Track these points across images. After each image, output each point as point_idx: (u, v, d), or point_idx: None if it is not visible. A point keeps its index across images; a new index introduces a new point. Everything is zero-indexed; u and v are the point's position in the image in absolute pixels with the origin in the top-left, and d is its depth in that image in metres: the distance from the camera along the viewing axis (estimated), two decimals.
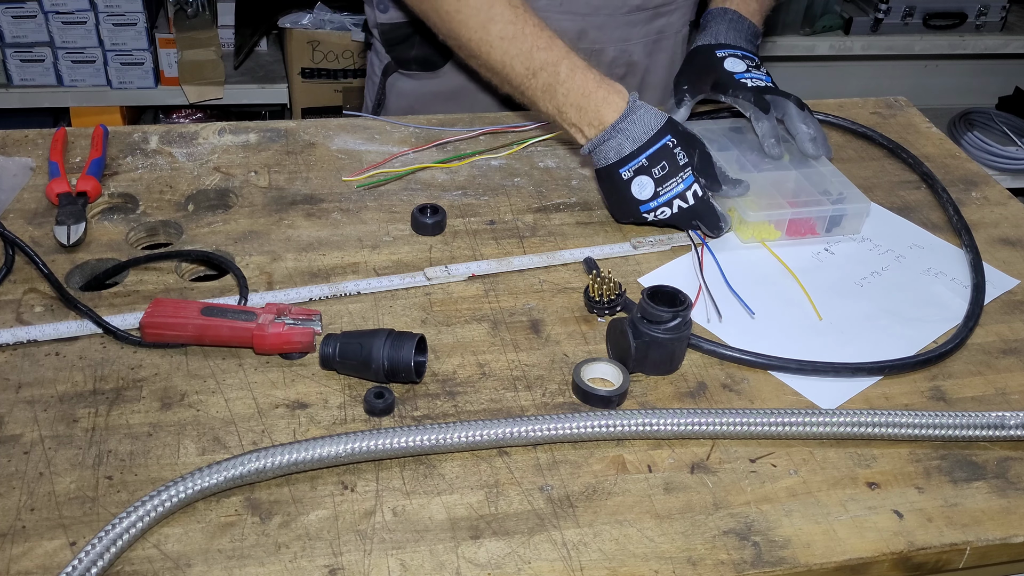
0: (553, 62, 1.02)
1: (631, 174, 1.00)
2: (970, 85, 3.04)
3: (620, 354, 0.87)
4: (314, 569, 0.69)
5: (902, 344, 0.93)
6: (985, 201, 1.18)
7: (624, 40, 1.29)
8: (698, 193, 1.00)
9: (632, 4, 1.27)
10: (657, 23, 1.31)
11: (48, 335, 0.87)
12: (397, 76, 1.35)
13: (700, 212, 1.01)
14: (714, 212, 1.01)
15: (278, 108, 2.59)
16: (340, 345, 0.83)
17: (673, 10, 1.32)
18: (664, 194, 1.00)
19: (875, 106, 1.38)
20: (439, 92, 1.32)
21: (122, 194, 1.07)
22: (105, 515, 0.71)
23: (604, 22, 1.24)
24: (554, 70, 1.02)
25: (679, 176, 0.99)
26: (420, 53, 1.30)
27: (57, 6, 2.24)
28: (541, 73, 1.02)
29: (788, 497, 0.77)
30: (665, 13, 1.31)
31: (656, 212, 1.02)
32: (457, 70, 1.30)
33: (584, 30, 1.26)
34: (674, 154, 0.99)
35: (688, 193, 1.00)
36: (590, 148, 1.02)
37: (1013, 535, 0.76)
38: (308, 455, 0.74)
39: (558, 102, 1.03)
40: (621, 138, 1.00)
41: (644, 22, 1.30)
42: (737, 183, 1.03)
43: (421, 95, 1.32)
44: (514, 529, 0.73)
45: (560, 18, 1.21)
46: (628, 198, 1.02)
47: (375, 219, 1.06)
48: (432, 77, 1.32)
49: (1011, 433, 0.82)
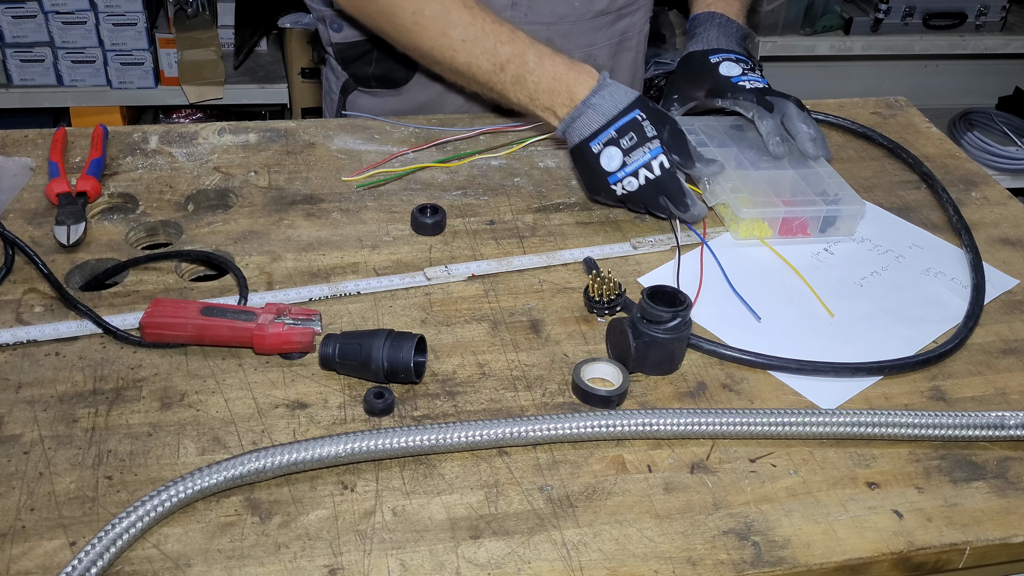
0: (519, 53, 1.05)
1: (600, 147, 1.02)
2: (970, 85, 3.04)
3: (620, 354, 0.87)
4: (314, 569, 0.69)
5: (902, 344, 0.93)
6: (985, 201, 1.18)
7: (589, 45, 1.29)
8: (664, 165, 1.01)
9: (596, 9, 1.26)
10: (620, 25, 1.31)
11: (48, 335, 0.87)
12: (358, 93, 1.34)
13: (666, 186, 1.02)
14: (680, 188, 1.02)
15: (278, 108, 2.59)
16: (340, 345, 0.83)
17: (635, 10, 1.32)
18: (631, 164, 1.01)
19: (875, 106, 1.38)
20: (401, 110, 1.30)
21: (122, 194, 1.07)
22: (105, 515, 0.71)
23: (569, 29, 1.24)
24: (522, 61, 1.04)
25: (646, 146, 1.01)
26: (379, 71, 1.29)
27: (57, 6, 2.25)
28: (509, 66, 1.05)
29: (788, 497, 0.77)
30: (628, 14, 1.31)
31: (623, 183, 1.03)
32: (421, 88, 1.29)
33: (550, 39, 1.23)
34: (642, 126, 1.01)
35: (654, 163, 1.01)
36: (563, 127, 1.05)
37: (1013, 535, 0.76)
38: (308, 455, 0.74)
39: (529, 90, 1.05)
40: (592, 112, 1.02)
41: (608, 25, 1.29)
42: (711, 162, 1.04)
43: (383, 112, 1.29)
44: (514, 529, 0.73)
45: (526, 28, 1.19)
46: (598, 171, 1.03)
47: (375, 219, 1.06)
48: (395, 95, 1.31)
49: (1011, 433, 0.82)
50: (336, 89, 1.36)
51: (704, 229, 1.06)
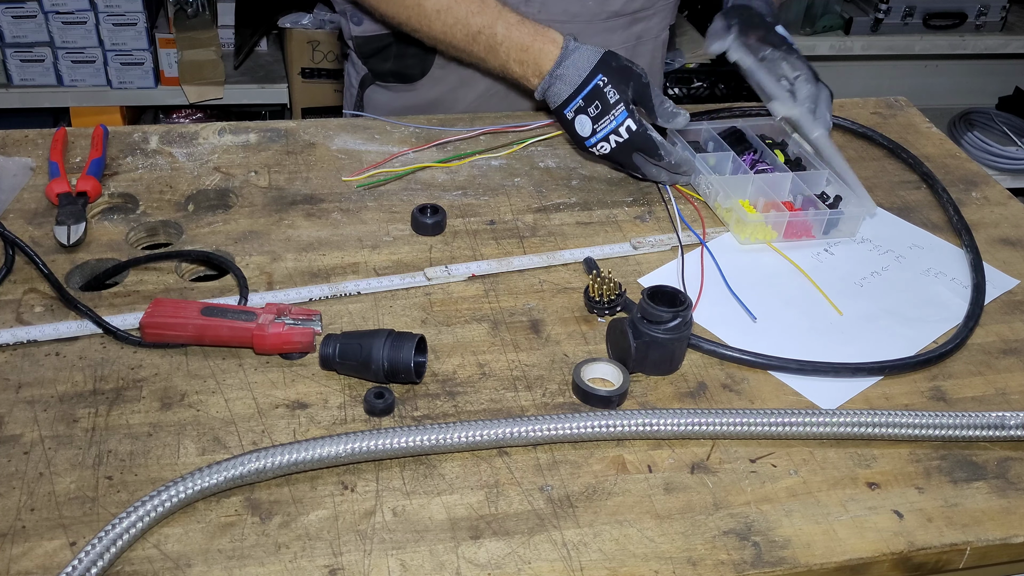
0: (489, 24, 1.10)
1: (572, 114, 1.07)
2: (970, 85, 3.04)
3: (620, 354, 0.87)
4: (314, 569, 0.69)
5: (902, 344, 0.93)
6: (985, 201, 1.18)
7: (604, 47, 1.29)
8: (631, 127, 1.05)
9: (610, 10, 1.27)
10: (635, 28, 1.31)
11: (48, 335, 0.87)
12: (375, 88, 1.36)
13: (638, 143, 1.06)
14: (652, 141, 1.06)
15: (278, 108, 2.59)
16: (340, 345, 0.83)
17: (651, 15, 1.32)
18: (600, 131, 1.06)
19: (875, 106, 1.38)
20: (415, 105, 1.33)
21: (122, 194, 1.07)
22: (105, 515, 0.71)
23: (582, 29, 1.25)
24: (491, 32, 1.10)
25: (611, 113, 1.05)
26: (396, 66, 1.32)
27: (57, 6, 2.24)
28: (480, 36, 1.11)
29: (788, 497, 0.77)
30: (643, 18, 1.31)
31: (597, 147, 1.07)
32: (433, 83, 1.31)
33: None
34: (605, 93, 1.05)
35: (621, 128, 1.05)
36: (539, 96, 1.10)
37: (1013, 535, 0.76)
38: (308, 455, 0.74)
39: (501, 60, 1.11)
40: (559, 83, 1.07)
41: (623, 28, 1.30)
42: (675, 114, 1.08)
43: (397, 108, 1.33)
44: (514, 529, 0.73)
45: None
46: (575, 136, 1.08)
47: (375, 219, 1.06)
48: (409, 90, 1.33)
49: (1011, 433, 0.82)
50: (355, 83, 1.39)
51: (703, 229, 1.07)
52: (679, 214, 1.08)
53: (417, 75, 1.31)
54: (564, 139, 1.21)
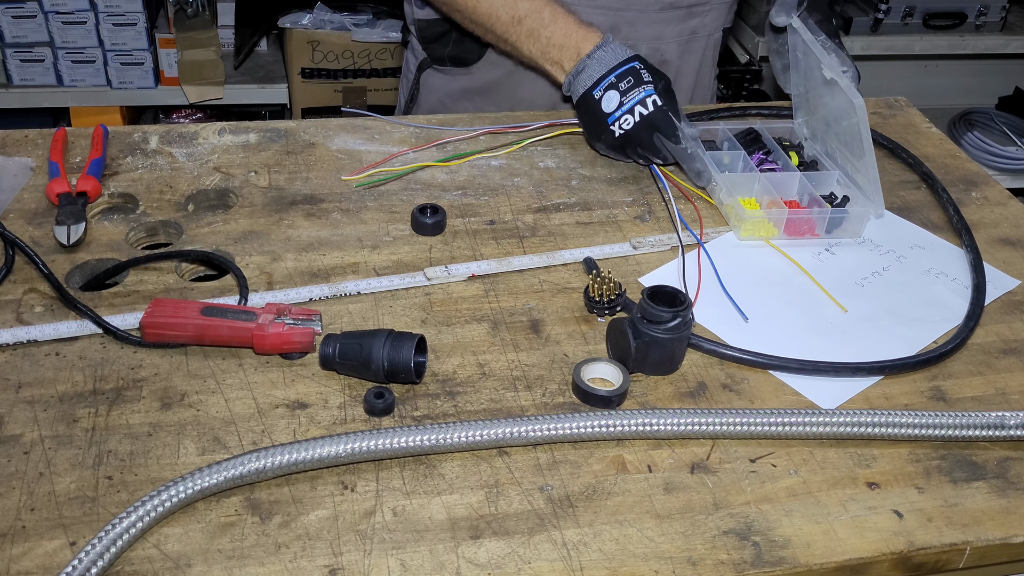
0: (537, 9, 1.15)
1: (601, 92, 1.10)
2: (970, 85, 3.03)
3: (620, 354, 0.87)
4: (314, 569, 0.69)
5: (902, 344, 0.93)
6: (985, 201, 1.18)
7: (657, 38, 1.31)
8: (657, 102, 1.08)
9: (665, 1, 1.28)
10: (690, 23, 1.33)
11: (48, 335, 0.87)
12: (431, 72, 1.40)
13: (658, 122, 1.08)
14: (672, 124, 1.08)
15: (278, 108, 2.59)
16: (340, 345, 0.83)
17: (707, 11, 1.33)
18: (627, 102, 1.09)
19: (875, 106, 1.38)
20: (469, 88, 1.37)
21: (122, 194, 1.07)
22: (105, 515, 0.71)
23: (636, 18, 1.27)
24: (538, 16, 1.15)
25: (641, 87, 1.09)
26: (455, 51, 1.35)
27: (57, 6, 2.25)
28: (526, 20, 1.15)
29: (788, 497, 0.77)
30: (699, 13, 1.33)
31: (620, 122, 1.10)
32: (489, 67, 1.35)
33: (616, 25, 1.28)
34: (640, 72, 1.09)
35: (648, 100, 1.08)
36: (570, 79, 1.13)
37: (1013, 535, 0.76)
38: (308, 455, 0.74)
39: (542, 44, 1.15)
40: (594, 64, 1.11)
41: (678, 21, 1.31)
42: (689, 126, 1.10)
43: (452, 91, 1.38)
44: (514, 529, 0.73)
45: (592, 12, 1.24)
46: (599, 115, 1.11)
47: (375, 219, 1.06)
48: (464, 73, 1.37)
49: (1011, 433, 0.82)
50: (413, 68, 1.43)
51: (702, 229, 1.07)
52: (679, 214, 1.08)
53: (474, 59, 1.35)
54: (564, 139, 1.21)
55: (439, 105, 1.41)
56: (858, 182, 1.10)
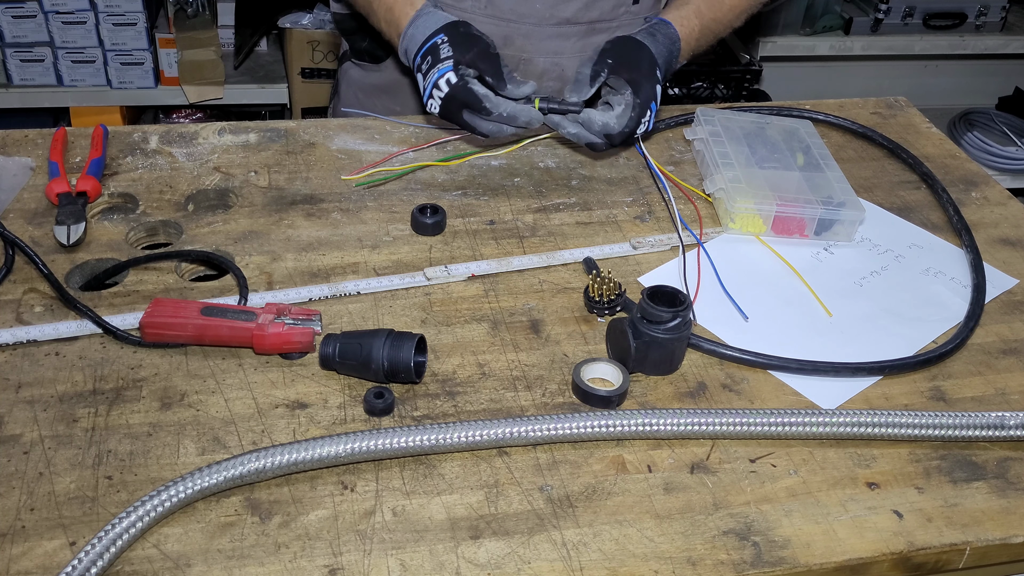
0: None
1: (420, 76, 1.06)
2: (970, 85, 3.04)
3: (620, 354, 0.87)
4: (314, 569, 0.69)
5: (902, 344, 0.93)
6: (985, 201, 1.18)
7: (556, 53, 1.27)
8: (451, 80, 1.01)
9: (561, 16, 1.24)
10: (593, 39, 1.27)
11: (48, 335, 0.87)
12: (349, 65, 1.41)
13: (463, 99, 1.02)
14: (474, 95, 1.01)
15: (278, 108, 2.59)
16: (340, 345, 0.83)
17: (614, 28, 1.27)
18: (427, 85, 1.04)
19: (875, 106, 1.38)
20: (379, 84, 1.36)
21: (122, 194, 1.07)
22: (105, 515, 0.71)
23: (531, 31, 1.23)
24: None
25: (436, 67, 1.03)
26: (370, 46, 1.35)
27: (57, 6, 2.24)
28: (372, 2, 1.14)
29: (788, 497, 0.77)
30: (603, 30, 1.27)
31: (430, 105, 1.05)
32: (395, 65, 1.33)
33: (509, 36, 1.24)
34: (439, 48, 1.03)
35: (441, 81, 1.02)
36: (402, 56, 1.10)
37: (1013, 535, 0.76)
38: (308, 455, 0.74)
39: (380, 24, 1.14)
40: (408, 42, 1.08)
41: (578, 36, 1.27)
42: (522, 83, 1.04)
43: (365, 86, 1.37)
44: (514, 529, 0.73)
45: (485, 22, 1.21)
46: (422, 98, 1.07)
47: (375, 219, 1.06)
48: (376, 69, 1.37)
49: (1011, 433, 0.82)
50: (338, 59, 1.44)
51: (701, 229, 1.07)
52: (678, 214, 1.08)
53: (383, 56, 1.34)
54: (564, 139, 1.21)
55: (354, 100, 1.39)
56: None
